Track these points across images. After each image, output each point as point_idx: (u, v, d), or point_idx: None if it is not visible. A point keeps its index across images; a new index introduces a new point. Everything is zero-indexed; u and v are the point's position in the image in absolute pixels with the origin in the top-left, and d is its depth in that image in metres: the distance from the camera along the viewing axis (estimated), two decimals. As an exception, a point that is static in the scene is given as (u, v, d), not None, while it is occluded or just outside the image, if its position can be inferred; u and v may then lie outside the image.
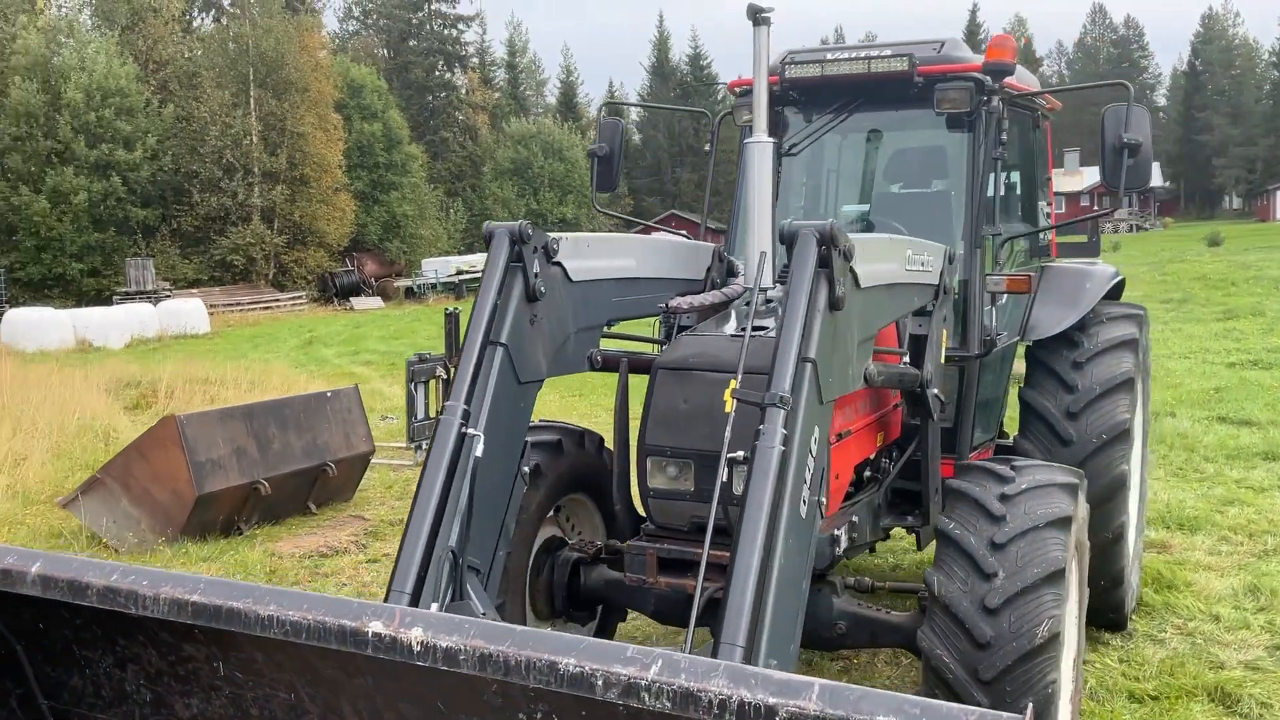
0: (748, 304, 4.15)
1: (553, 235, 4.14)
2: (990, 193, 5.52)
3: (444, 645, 2.32)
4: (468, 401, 3.77)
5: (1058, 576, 3.88)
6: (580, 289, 4.34)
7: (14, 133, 43.19)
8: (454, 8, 75.09)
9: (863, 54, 5.62)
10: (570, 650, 2.23)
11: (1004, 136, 5.46)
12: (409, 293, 50.64)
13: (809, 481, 3.41)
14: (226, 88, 48.60)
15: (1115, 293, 6.78)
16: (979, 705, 3.70)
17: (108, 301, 38.65)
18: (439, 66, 75.01)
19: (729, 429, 3.40)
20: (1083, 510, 4.33)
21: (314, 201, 49.30)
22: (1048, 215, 6.92)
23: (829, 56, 5.72)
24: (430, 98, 73.43)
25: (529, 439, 4.97)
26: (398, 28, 74.14)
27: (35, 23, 45.52)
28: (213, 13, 59.03)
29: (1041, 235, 6.84)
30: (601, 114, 6.31)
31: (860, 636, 4.51)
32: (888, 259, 4.18)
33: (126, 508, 8.13)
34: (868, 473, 5.25)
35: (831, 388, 3.56)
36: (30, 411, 13.75)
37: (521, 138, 68.02)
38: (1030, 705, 2.09)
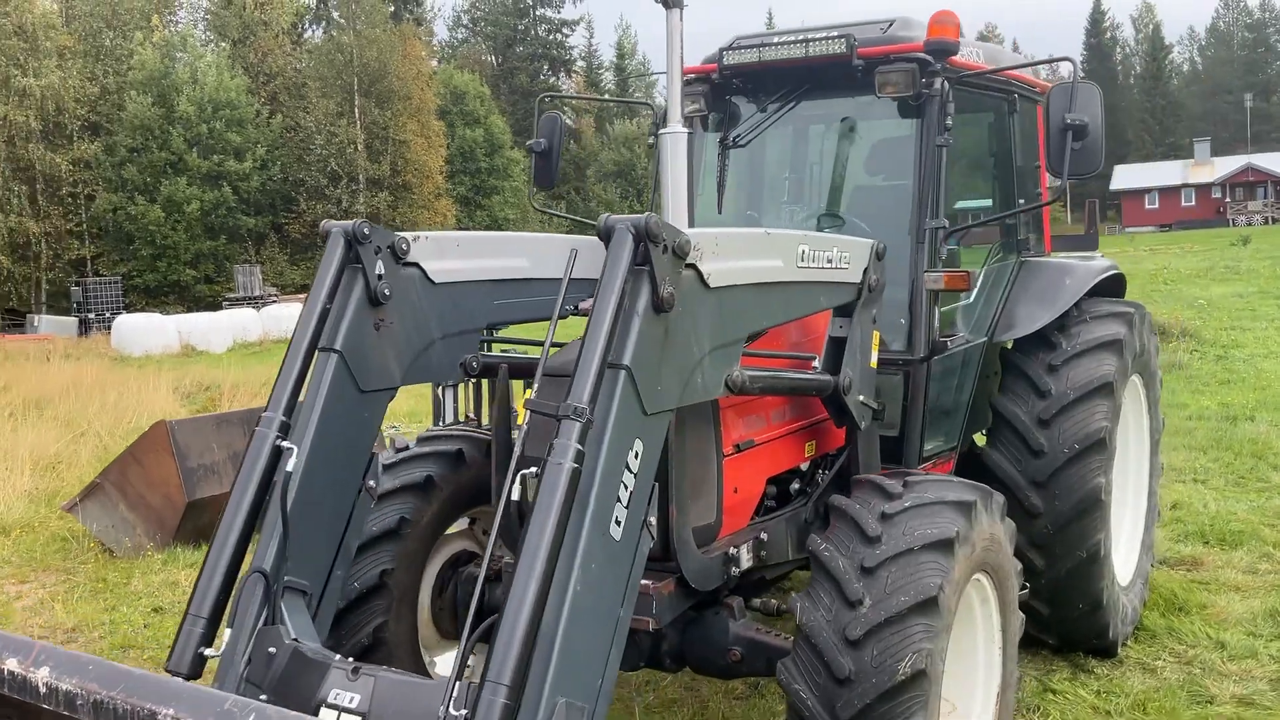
0: (574, 307, 3.84)
1: (407, 235, 3.91)
2: (939, 181, 5.09)
3: (64, 689, 2.12)
4: (287, 413, 3.56)
5: (929, 606, 3.49)
6: (446, 292, 4.09)
7: (130, 144, 44.96)
8: (558, 12, 75.70)
9: (802, 37, 5.25)
10: (173, 699, 2.01)
11: (949, 121, 5.03)
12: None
13: (627, 500, 3.10)
14: (331, 97, 49.81)
15: (1112, 289, 6.26)
16: None
17: (219, 307, 39.93)
18: (544, 71, 75.69)
19: (519, 443, 3.12)
20: (985, 530, 3.90)
21: (416, 207, 50.21)
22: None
23: (769, 41, 5.37)
24: (534, 102, 74.10)
25: (426, 449, 4.75)
26: (503, 34, 75.08)
27: (151, 38, 47.29)
28: (323, 25, 60.62)
29: (1032, 227, 6.34)
30: (539, 107, 6.06)
31: (757, 663, 4.16)
32: (761, 255, 3.82)
33: (123, 512, 8.19)
34: (795, 485, 4.90)
35: (661, 397, 3.24)
36: (91, 415, 14.14)
37: (626, 139, 68.11)
38: None
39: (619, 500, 3.08)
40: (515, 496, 3.02)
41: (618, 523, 3.08)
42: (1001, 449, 5.51)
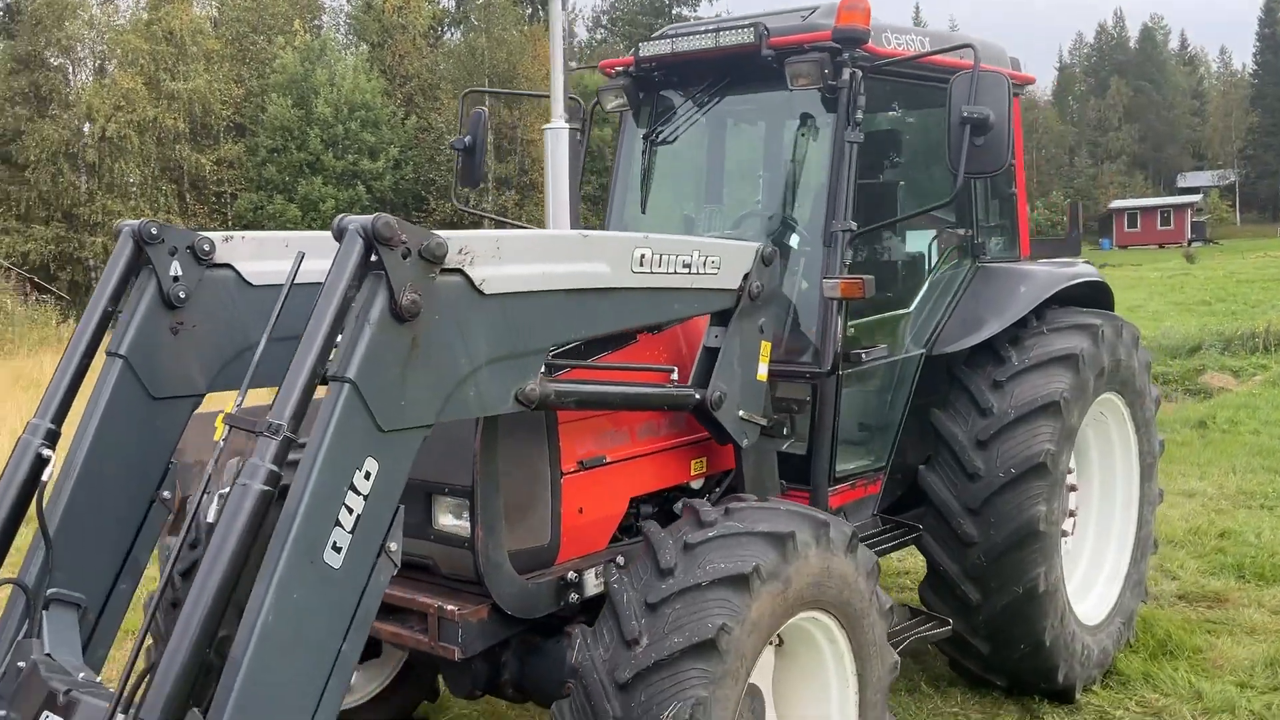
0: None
1: (213, 235, 3.76)
2: (848, 180, 4.68)
3: None
4: (55, 420, 3.45)
5: (706, 649, 3.15)
6: (269, 294, 3.93)
7: (270, 145, 46.66)
8: (694, 10, 75.46)
9: (715, 26, 4.92)
10: None
11: (858, 115, 4.63)
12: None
13: (352, 525, 2.86)
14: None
15: (1090, 299, 5.71)
16: None
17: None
18: (680, 70, 75.55)
19: (213, 460, 2.91)
20: (814, 564, 3.52)
21: (542, 206, 50.63)
22: (1007, 208, 5.89)
23: (683, 31, 5.06)
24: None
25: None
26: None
27: (292, 42, 48.98)
28: (461, 27, 61.83)
29: (1001, 230, 5.84)
30: (463, 104, 5.87)
31: None
32: (570, 260, 3.52)
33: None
34: (679, 506, 4.58)
35: (406, 413, 2.99)
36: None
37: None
38: None
39: (338, 524, 2.84)
40: (211, 519, 2.84)
41: (336, 549, 2.83)
42: (938, 471, 5.07)
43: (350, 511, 2.86)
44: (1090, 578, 5.85)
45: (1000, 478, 4.89)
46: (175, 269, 3.65)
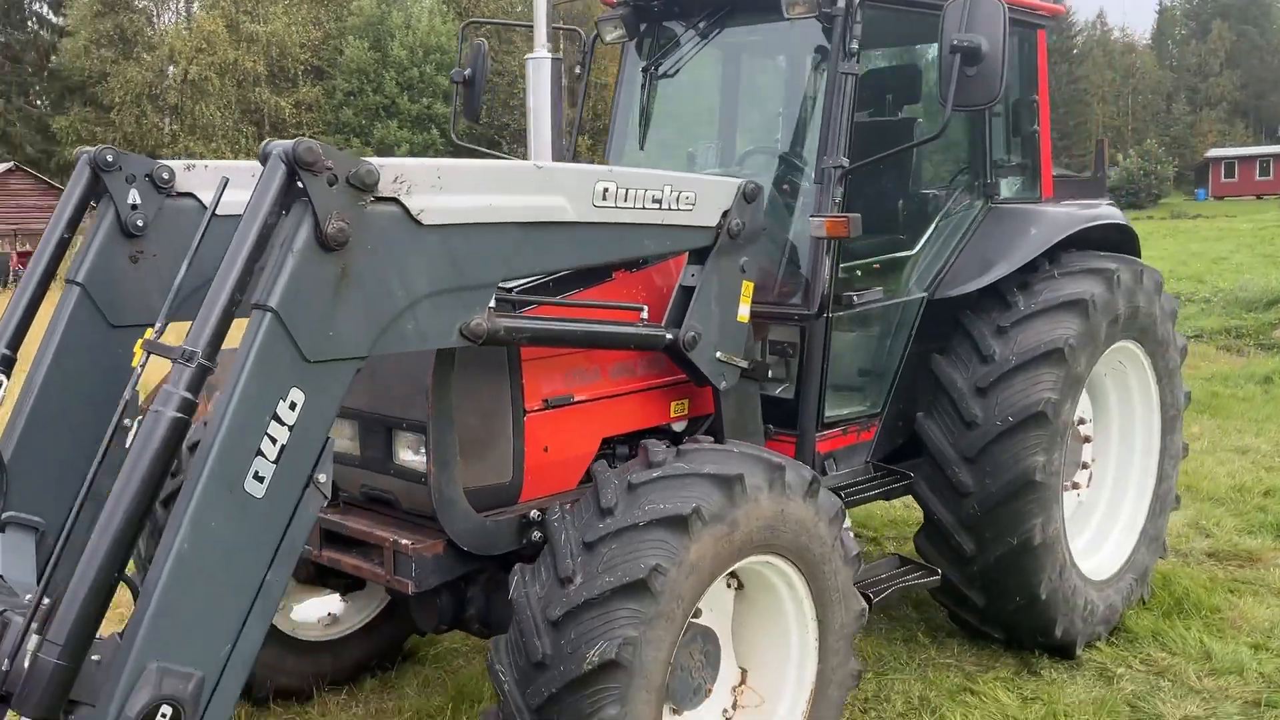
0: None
1: (173, 163, 3.75)
2: (842, 114, 4.50)
3: None
4: (11, 346, 3.48)
5: (638, 589, 3.08)
6: (231, 224, 3.91)
7: (347, 88, 47.06)
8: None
9: (713, -47, 4.76)
10: None
11: (854, 45, 4.44)
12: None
13: (276, 455, 2.84)
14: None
15: (1123, 244, 5.47)
16: None
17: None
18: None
19: (129, 387, 2.90)
20: (765, 508, 3.42)
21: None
22: (1028, 147, 5.65)
23: None
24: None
25: None
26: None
27: (370, -16, 49.17)
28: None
29: (1021, 170, 5.61)
30: (463, 35, 5.77)
31: None
32: (522, 192, 3.42)
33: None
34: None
35: (335, 344, 2.94)
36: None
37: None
38: None
39: (260, 454, 2.82)
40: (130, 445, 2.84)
41: (258, 478, 2.81)
42: (936, 419, 4.92)
43: (274, 441, 2.83)
44: (1103, 532, 5.66)
45: (997, 426, 4.72)
46: (134, 197, 3.65)
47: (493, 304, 3.44)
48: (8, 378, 3.47)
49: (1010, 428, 4.71)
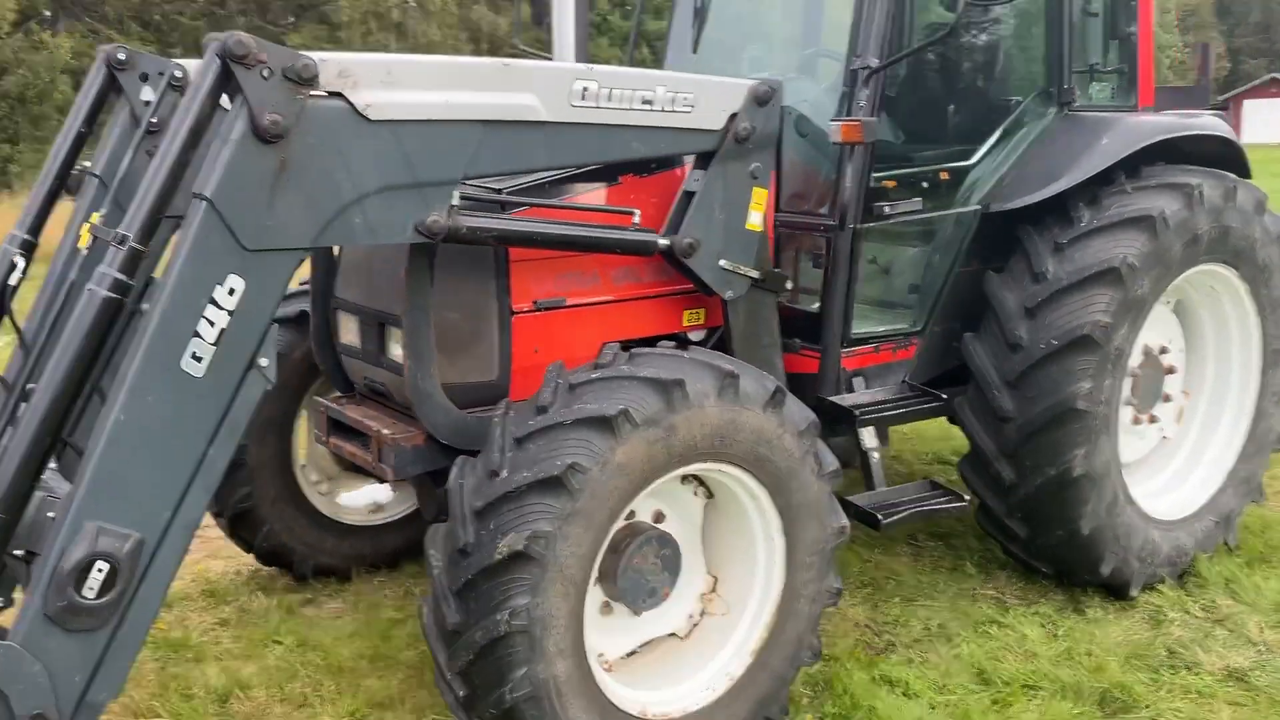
0: None
1: (188, 62, 3.94)
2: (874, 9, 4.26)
3: None
4: (32, 231, 3.77)
5: (552, 485, 3.07)
6: None
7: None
8: None
9: None
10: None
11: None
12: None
13: (214, 338, 3.00)
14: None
15: (1228, 159, 5.01)
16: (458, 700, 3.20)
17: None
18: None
19: (75, 267, 3.11)
20: (712, 416, 3.34)
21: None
22: (1125, 50, 5.19)
23: None
24: None
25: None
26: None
27: (587, -99, 49.18)
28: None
29: (1116, 75, 5.18)
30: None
31: None
32: (486, 89, 3.41)
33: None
34: None
35: (274, 234, 3.05)
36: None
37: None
38: None
39: (198, 335, 2.99)
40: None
41: (196, 358, 2.98)
42: (984, 340, 4.67)
43: (211, 324, 2.99)
44: (1186, 470, 5.27)
45: (1041, 349, 4.45)
46: (147, 94, 3.87)
47: (457, 201, 3.48)
48: (28, 261, 3.78)
49: (1054, 351, 4.43)
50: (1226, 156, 5.12)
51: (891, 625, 4.63)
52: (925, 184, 4.67)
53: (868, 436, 4.60)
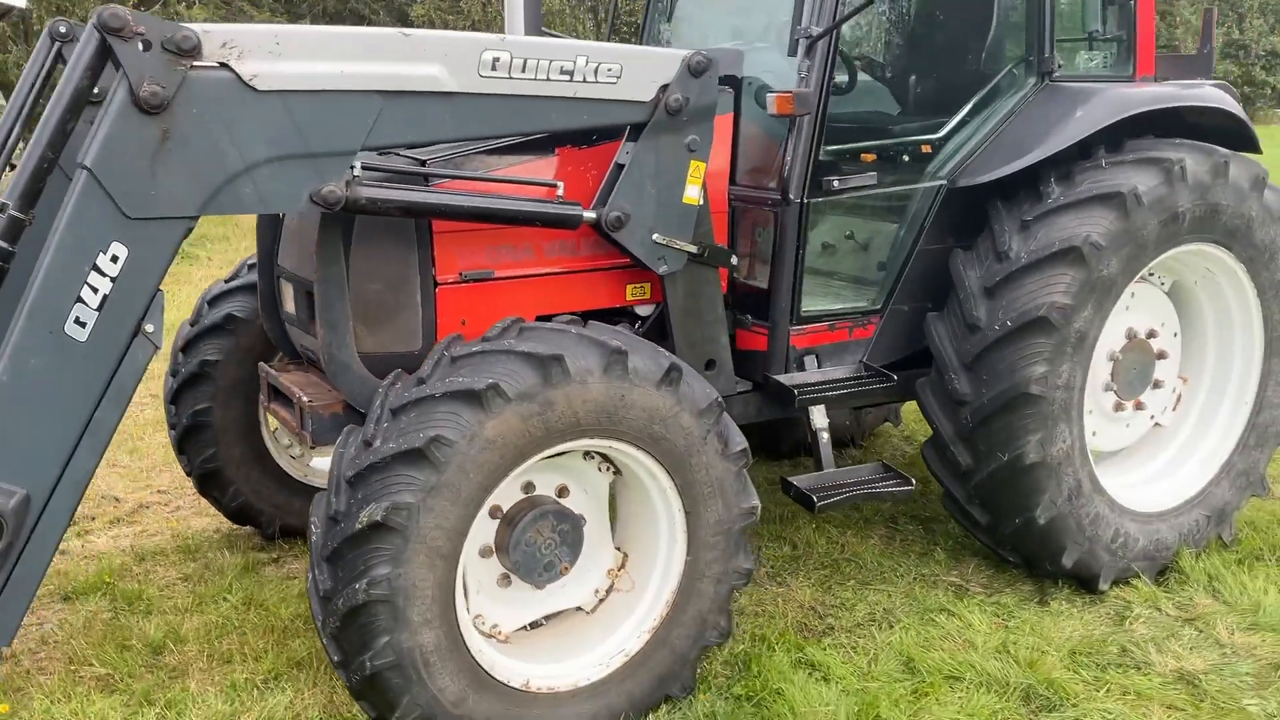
0: None
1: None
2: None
3: None
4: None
5: (414, 456, 3.09)
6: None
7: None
8: None
9: None
10: None
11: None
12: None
13: (98, 304, 3.10)
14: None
15: (1233, 134, 4.73)
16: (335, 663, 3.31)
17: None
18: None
19: None
20: (599, 392, 3.30)
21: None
22: (1124, 16, 4.91)
23: None
24: None
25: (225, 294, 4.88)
26: None
27: None
28: None
29: (1114, 44, 4.92)
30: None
31: None
32: (384, 60, 3.41)
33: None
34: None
35: (157, 203, 3.13)
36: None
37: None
38: None
39: (80, 301, 3.10)
40: None
41: (79, 323, 3.10)
42: (946, 321, 4.52)
43: (95, 291, 3.11)
44: (1179, 460, 5.02)
45: (996, 331, 4.28)
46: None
47: (359, 171, 3.52)
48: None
49: (1008, 333, 4.25)
50: (1230, 130, 4.83)
51: (838, 608, 4.54)
52: (886, 158, 4.51)
53: (817, 416, 4.50)
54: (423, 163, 3.96)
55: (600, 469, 3.72)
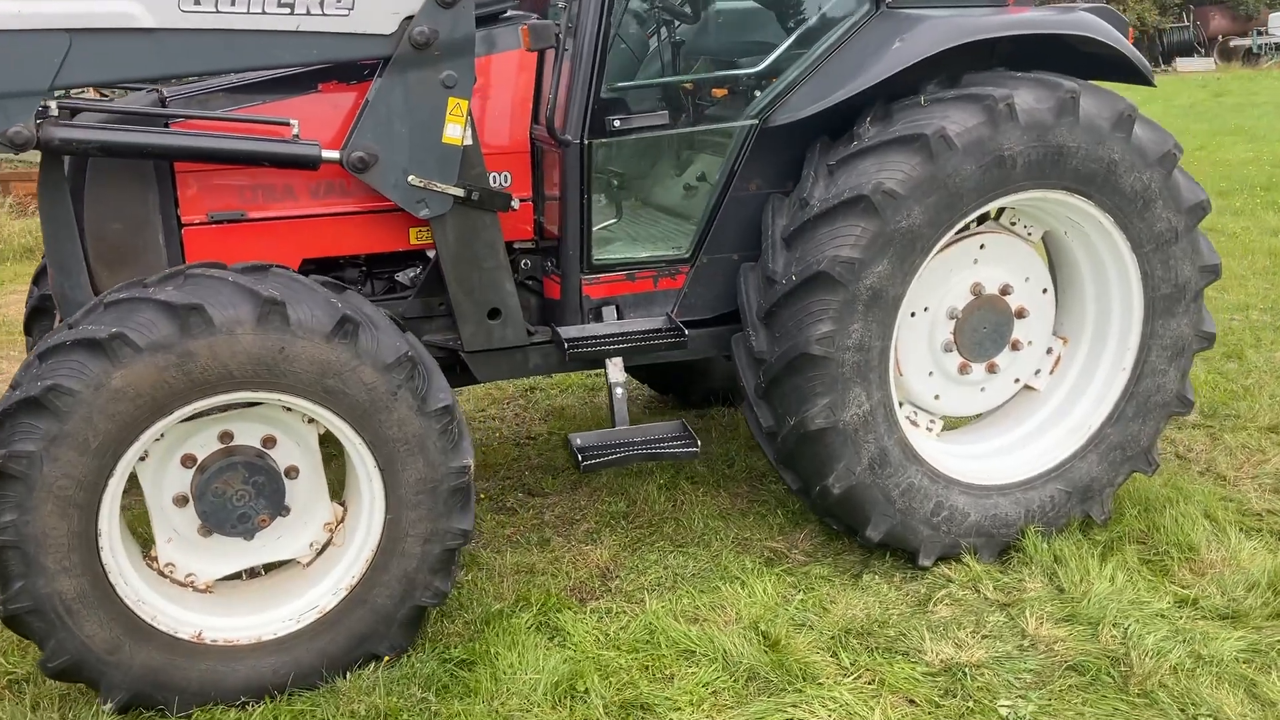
0: None
1: None
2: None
3: None
4: None
5: (31, 405, 3.07)
6: None
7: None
8: None
9: None
10: None
11: None
12: (1247, 54, 43.58)
13: None
14: None
15: (1125, 69, 4.23)
16: None
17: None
18: None
19: None
20: (241, 343, 3.18)
21: None
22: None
23: None
24: None
25: None
26: None
27: None
28: None
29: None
30: None
31: None
32: None
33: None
34: (411, 275, 4.34)
35: None
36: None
37: None
38: None
39: None
40: None
41: None
42: (756, 272, 4.20)
43: None
44: (1041, 430, 4.57)
45: (783, 285, 3.95)
46: None
47: (55, 111, 3.49)
48: None
49: (793, 288, 3.92)
50: (1117, 62, 4.28)
51: (630, 571, 4.34)
52: (686, 95, 4.19)
53: (613, 371, 4.27)
54: (163, 101, 3.90)
55: (304, 420, 3.62)
